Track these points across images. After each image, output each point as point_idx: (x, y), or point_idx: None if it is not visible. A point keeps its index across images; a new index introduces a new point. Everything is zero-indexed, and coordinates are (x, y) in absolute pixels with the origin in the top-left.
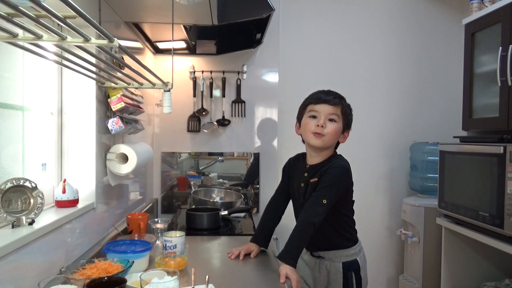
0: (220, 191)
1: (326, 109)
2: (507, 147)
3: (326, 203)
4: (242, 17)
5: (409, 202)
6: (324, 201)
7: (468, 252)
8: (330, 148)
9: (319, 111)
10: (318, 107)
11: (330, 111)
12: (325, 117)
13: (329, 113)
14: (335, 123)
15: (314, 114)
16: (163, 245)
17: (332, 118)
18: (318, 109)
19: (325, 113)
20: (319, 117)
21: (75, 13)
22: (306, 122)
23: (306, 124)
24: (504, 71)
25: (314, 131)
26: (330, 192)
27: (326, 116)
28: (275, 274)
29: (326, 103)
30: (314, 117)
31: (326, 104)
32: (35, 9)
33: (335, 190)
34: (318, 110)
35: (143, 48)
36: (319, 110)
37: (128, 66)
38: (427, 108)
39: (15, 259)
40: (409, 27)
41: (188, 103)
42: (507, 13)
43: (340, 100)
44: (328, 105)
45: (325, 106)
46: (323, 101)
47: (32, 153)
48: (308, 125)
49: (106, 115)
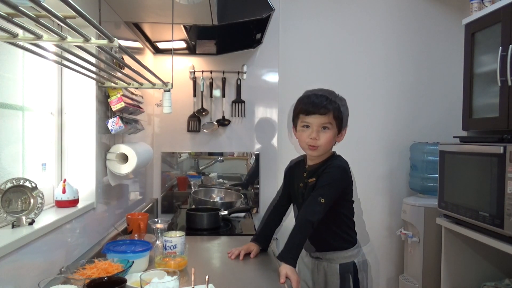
0: (220, 191)
1: (317, 121)
2: (507, 147)
3: (324, 202)
4: (242, 17)
5: (409, 202)
6: (322, 200)
7: (468, 252)
8: (326, 153)
9: (310, 123)
10: (309, 119)
11: (321, 121)
12: (317, 128)
13: (320, 123)
14: (328, 130)
15: (306, 124)
16: (163, 245)
17: (325, 126)
18: (309, 120)
19: (316, 124)
20: (312, 128)
21: (75, 13)
22: (300, 133)
23: (300, 135)
24: (504, 71)
25: (308, 144)
26: (328, 191)
27: (318, 126)
28: (275, 274)
29: (316, 114)
30: (307, 127)
31: (316, 115)
32: (35, 9)
33: (333, 189)
34: (309, 121)
35: (143, 48)
36: (310, 121)
37: (128, 66)
38: (427, 108)
39: (15, 259)
40: (409, 27)
41: (188, 103)
42: (507, 13)
43: (329, 105)
44: (319, 116)
45: (316, 118)
46: (312, 113)
47: (32, 153)
48: (302, 136)
49: (106, 115)
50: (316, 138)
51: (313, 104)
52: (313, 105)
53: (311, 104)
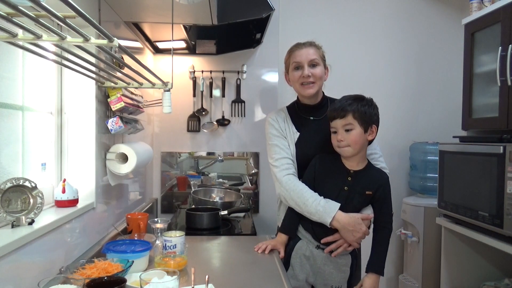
0: (219, 191)
1: (338, 124)
2: (506, 147)
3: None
4: (242, 17)
5: (409, 202)
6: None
7: (468, 252)
8: (361, 152)
9: (335, 127)
10: (333, 123)
11: (342, 123)
12: (341, 130)
13: (342, 125)
14: (352, 131)
15: (334, 130)
16: (163, 245)
17: (348, 128)
18: (334, 125)
19: (339, 127)
20: (337, 131)
21: (75, 13)
22: (331, 138)
23: (332, 139)
24: (504, 71)
25: (338, 146)
26: (389, 203)
27: (341, 129)
28: (275, 274)
29: (337, 118)
30: (334, 132)
31: (337, 119)
32: (35, 9)
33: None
34: (334, 126)
35: (143, 48)
36: (334, 126)
37: (128, 66)
38: (427, 108)
39: (15, 259)
40: (409, 27)
41: (188, 103)
42: (507, 13)
43: (348, 107)
44: (339, 119)
45: (337, 121)
46: (334, 118)
47: (32, 153)
48: (333, 141)
49: (106, 115)
50: (342, 140)
51: (334, 110)
52: (334, 110)
53: (332, 110)
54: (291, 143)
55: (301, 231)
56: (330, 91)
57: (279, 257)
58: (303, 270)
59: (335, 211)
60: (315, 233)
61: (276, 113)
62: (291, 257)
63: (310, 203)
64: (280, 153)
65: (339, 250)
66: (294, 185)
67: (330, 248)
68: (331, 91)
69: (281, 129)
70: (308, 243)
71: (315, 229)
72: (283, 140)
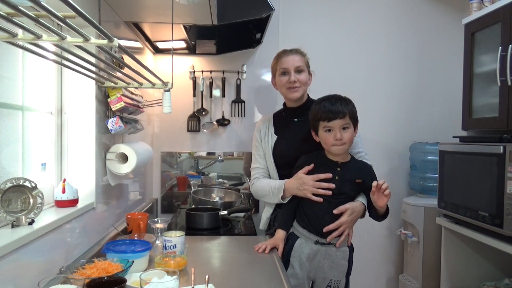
0: (219, 191)
1: (337, 123)
2: (506, 147)
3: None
4: (242, 17)
5: (409, 202)
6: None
7: (467, 252)
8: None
9: (332, 126)
10: (331, 124)
11: (341, 123)
12: (339, 129)
13: (341, 125)
14: (348, 129)
15: (328, 129)
16: (162, 245)
17: (345, 127)
18: (331, 125)
19: (338, 127)
20: (334, 131)
21: (75, 13)
22: (325, 137)
23: (326, 138)
24: (504, 71)
25: (334, 144)
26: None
27: (339, 128)
28: (275, 273)
29: (336, 119)
30: (329, 130)
31: (337, 120)
32: (35, 8)
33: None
34: (331, 126)
35: (143, 48)
36: (332, 126)
37: (128, 66)
38: (427, 108)
39: (14, 259)
40: (409, 27)
41: (188, 103)
42: (507, 13)
43: (345, 109)
44: (339, 120)
45: (336, 122)
46: (333, 118)
47: (32, 153)
48: (328, 139)
49: (106, 115)
50: (341, 138)
51: (333, 111)
52: (333, 112)
53: (330, 112)
54: (268, 148)
55: (298, 229)
56: (330, 91)
57: (278, 256)
58: (303, 268)
59: (283, 183)
60: (313, 226)
61: (262, 121)
62: (290, 256)
63: (267, 190)
64: (255, 163)
65: (341, 238)
66: (257, 184)
67: (333, 236)
68: (331, 91)
69: (261, 138)
70: (307, 240)
71: (311, 222)
72: (260, 151)
